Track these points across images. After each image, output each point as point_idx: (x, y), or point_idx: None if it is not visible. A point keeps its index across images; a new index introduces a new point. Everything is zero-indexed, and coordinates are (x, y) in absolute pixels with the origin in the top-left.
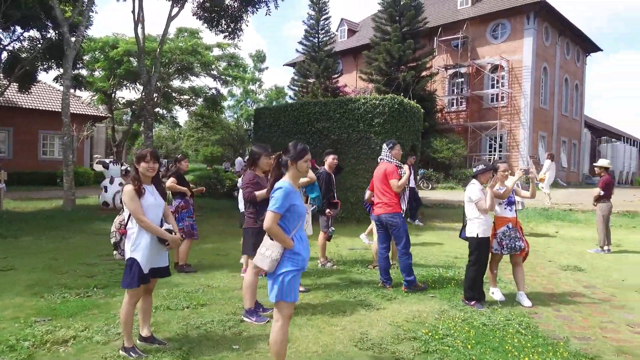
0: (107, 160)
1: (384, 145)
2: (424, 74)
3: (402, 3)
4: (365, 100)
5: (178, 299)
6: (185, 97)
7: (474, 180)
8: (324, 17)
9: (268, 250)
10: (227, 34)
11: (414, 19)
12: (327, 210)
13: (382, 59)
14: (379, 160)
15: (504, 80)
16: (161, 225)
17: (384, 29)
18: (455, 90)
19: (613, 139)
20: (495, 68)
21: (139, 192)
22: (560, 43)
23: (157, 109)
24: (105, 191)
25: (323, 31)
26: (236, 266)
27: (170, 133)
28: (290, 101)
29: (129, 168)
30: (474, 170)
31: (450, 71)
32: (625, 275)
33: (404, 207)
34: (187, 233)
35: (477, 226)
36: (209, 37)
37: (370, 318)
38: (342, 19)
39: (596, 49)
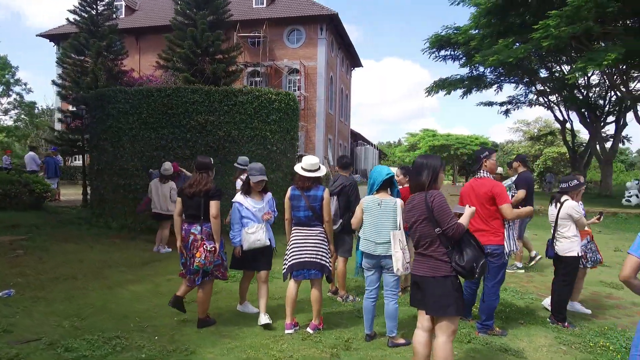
0: None
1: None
2: (231, 68)
3: None
4: (259, 94)
5: None
6: None
7: (566, 197)
8: None
9: None
10: None
11: (220, 9)
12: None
13: (189, 46)
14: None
15: (301, 84)
16: None
17: (188, 14)
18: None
19: (365, 143)
20: (293, 71)
21: None
22: (339, 56)
23: None
24: None
25: (103, 2)
26: (244, 315)
27: None
28: (58, 81)
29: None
30: (566, 185)
31: (250, 69)
32: None
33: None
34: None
35: (576, 244)
36: None
37: None
38: None
39: (359, 64)
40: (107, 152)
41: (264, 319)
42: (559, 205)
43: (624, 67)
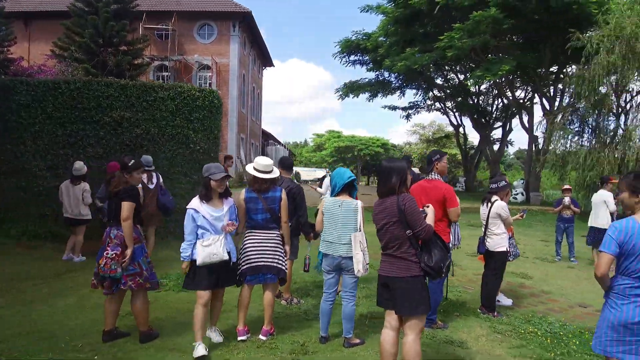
0: None
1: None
2: (136, 61)
3: None
4: (181, 90)
5: None
6: None
7: (496, 197)
8: None
9: None
10: None
11: None
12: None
13: (90, 35)
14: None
15: (212, 81)
16: None
17: (89, 1)
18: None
19: (275, 143)
20: (204, 67)
21: None
22: (252, 54)
23: None
24: None
25: None
26: (188, 325)
27: None
28: None
29: None
30: (495, 186)
31: (157, 63)
32: None
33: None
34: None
35: (505, 240)
36: None
37: None
38: None
39: (271, 64)
40: (4, 149)
41: (216, 336)
42: (489, 204)
43: (511, 77)
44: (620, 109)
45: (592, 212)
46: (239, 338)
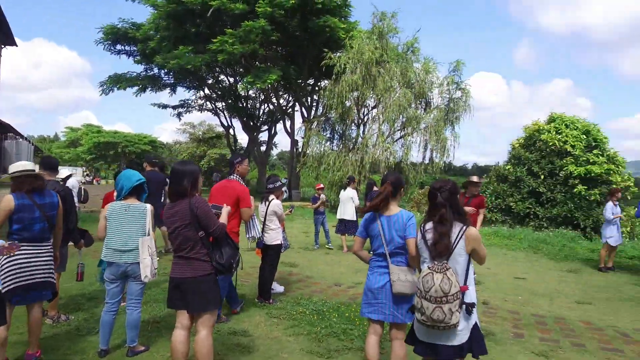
0: None
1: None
2: None
3: None
4: None
5: None
6: None
7: (272, 196)
8: None
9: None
10: None
11: None
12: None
13: None
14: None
15: None
16: None
17: None
18: None
19: (17, 137)
20: None
21: None
22: None
23: None
24: None
25: None
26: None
27: None
28: None
29: None
30: (272, 186)
31: None
32: None
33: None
34: None
35: (280, 234)
36: None
37: None
38: None
39: (13, 43)
40: None
41: None
42: (267, 203)
43: (276, 85)
44: (360, 121)
45: (340, 206)
46: None
